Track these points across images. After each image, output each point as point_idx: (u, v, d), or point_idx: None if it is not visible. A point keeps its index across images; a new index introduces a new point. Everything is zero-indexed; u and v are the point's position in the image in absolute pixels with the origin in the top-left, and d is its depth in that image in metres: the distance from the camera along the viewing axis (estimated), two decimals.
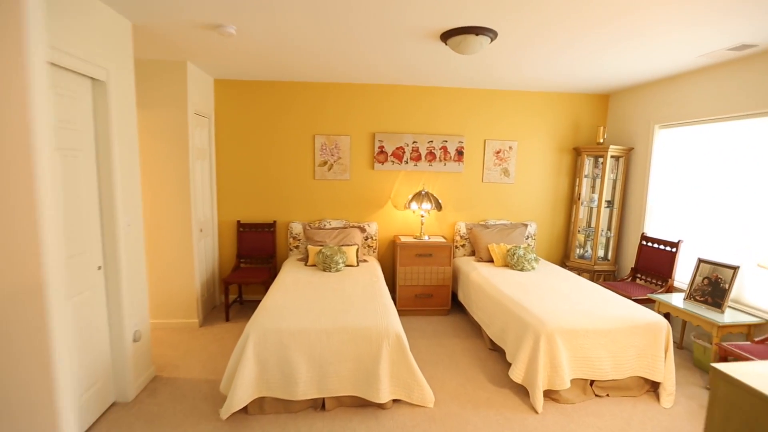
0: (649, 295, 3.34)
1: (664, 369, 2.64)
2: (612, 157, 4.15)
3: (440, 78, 3.94)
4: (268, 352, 2.35)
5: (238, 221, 4.27)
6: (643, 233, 3.92)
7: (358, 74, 3.85)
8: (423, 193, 4.15)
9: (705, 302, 3.03)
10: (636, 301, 3.45)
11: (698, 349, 3.11)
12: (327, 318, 2.53)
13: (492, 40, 2.69)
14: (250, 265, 4.34)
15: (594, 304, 2.91)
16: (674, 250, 3.57)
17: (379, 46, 2.98)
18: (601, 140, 4.22)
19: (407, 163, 4.37)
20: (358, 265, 3.90)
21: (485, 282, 3.52)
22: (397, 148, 4.34)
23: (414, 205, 4.15)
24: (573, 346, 2.57)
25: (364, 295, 2.98)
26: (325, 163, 4.31)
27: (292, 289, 3.11)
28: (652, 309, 3.45)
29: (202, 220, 3.94)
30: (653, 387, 2.75)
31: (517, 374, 2.62)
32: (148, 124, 3.45)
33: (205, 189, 4.04)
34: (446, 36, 2.67)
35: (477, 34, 2.57)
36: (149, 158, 3.49)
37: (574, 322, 2.63)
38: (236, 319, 3.98)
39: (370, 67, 3.58)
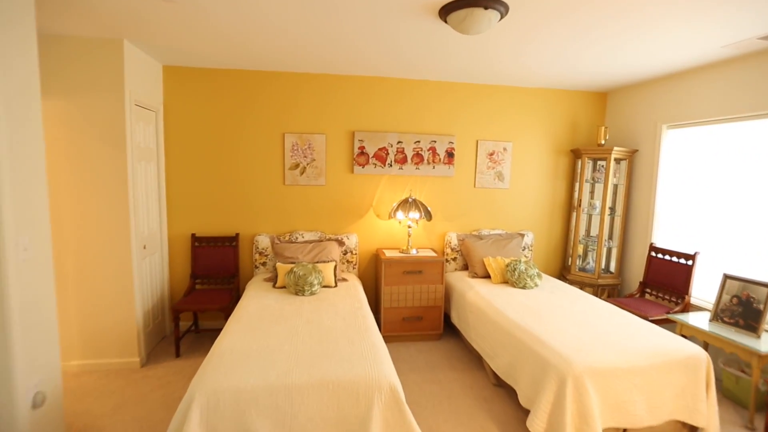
0: (669, 316, 2.96)
1: (707, 411, 2.23)
2: (614, 159, 3.78)
3: (430, 69, 3.44)
4: (219, 421, 1.74)
5: (193, 234, 3.60)
6: (651, 243, 3.56)
7: (337, 62, 3.29)
8: (410, 200, 3.63)
9: (735, 324, 2.67)
10: (653, 321, 3.07)
11: (728, 378, 2.75)
12: (300, 368, 1.95)
13: (501, 17, 2.21)
14: (207, 286, 3.66)
15: (619, 332, 2.47)
16: (690, 263, 3.21)
17: (366, 26, 2.44)
18: (603, 141, 3.86)
19: (391, 166, 3.84)
20: (336, 286, 3.33)
21: (486, 304, 3.04)
22: (379, 149, 3.80)
23: (400, 215, 3.62)
24: (604, 389, 2.11)
25: (346, 330, 2.41)
26: (297, 165, 3.72)
27: (255, 322, 2.50)
28: (671, 331, 3.08)
29: (147, 234, 3.26)
30: (691, 431, 2.34)
31: (537, 426, 2.13)
32: (70, 116, 2.76)
33: (151, 197, 3.35)
34: (447, 11, 2.16)
35: (486, 8, 2.08)
36: (72, 158, 2.80)
37: (604, 359, 2.17)
38: (189, 353, 3.30)
39: (354, 53, 3.03)
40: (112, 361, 3.01)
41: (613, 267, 3.99)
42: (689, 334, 2.83)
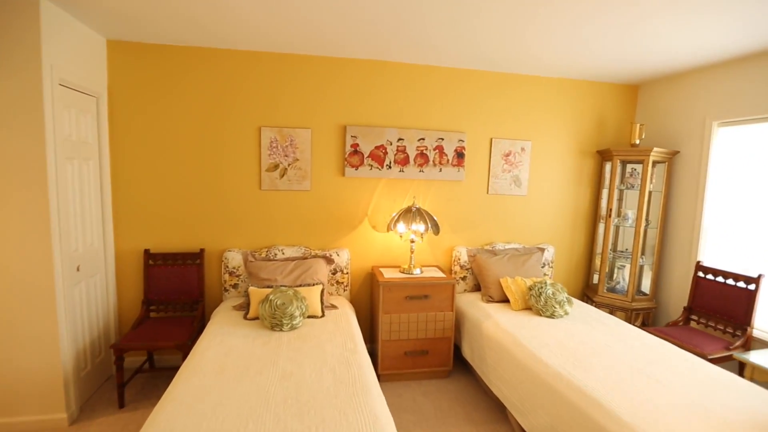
0: (735, 355, 2.39)
1: None
2: (652, 162, 3.22)
3: (442, 51, 2.83)
4: None
5: (147, 251, 2.91)
6: (698, 262, 3.02)
7: (329, 40, 2.65)
8: (414, 209, 3.02)
9: None
10: (711, 360, 2.51)
11: None
12: None
13: None
14: (164, 314, 2.98)
15: (690, 385, 1.90)
16: (753, 287, 2.67)
17: None
18: (637, 141, 3.30)
19: (390, 167, 3.22)
20: (323, 315, 2.69)
21: (510, 341, 2.43)
22: (376, 148, 3.18)
23: (401, 227, 3.00)
24: None
25: (336, 391, 1.77)
26: (276, 166, 3.06)
27: (211, 380, 1.83)
28: (730, 370, 2.53)
29: (82, 252, 2.56)
30: None
31: None
32: None
33: (90, 204, 2.66)
34: None
35: None
36: None
37: (685, 431, 1.58)
38: (138, 400, 2.62)
39: (354, 24, 2.39)
40: (30, 420, 2.31)
41: (645, 288, 3.44)
42: (763, 379, 2.27)
